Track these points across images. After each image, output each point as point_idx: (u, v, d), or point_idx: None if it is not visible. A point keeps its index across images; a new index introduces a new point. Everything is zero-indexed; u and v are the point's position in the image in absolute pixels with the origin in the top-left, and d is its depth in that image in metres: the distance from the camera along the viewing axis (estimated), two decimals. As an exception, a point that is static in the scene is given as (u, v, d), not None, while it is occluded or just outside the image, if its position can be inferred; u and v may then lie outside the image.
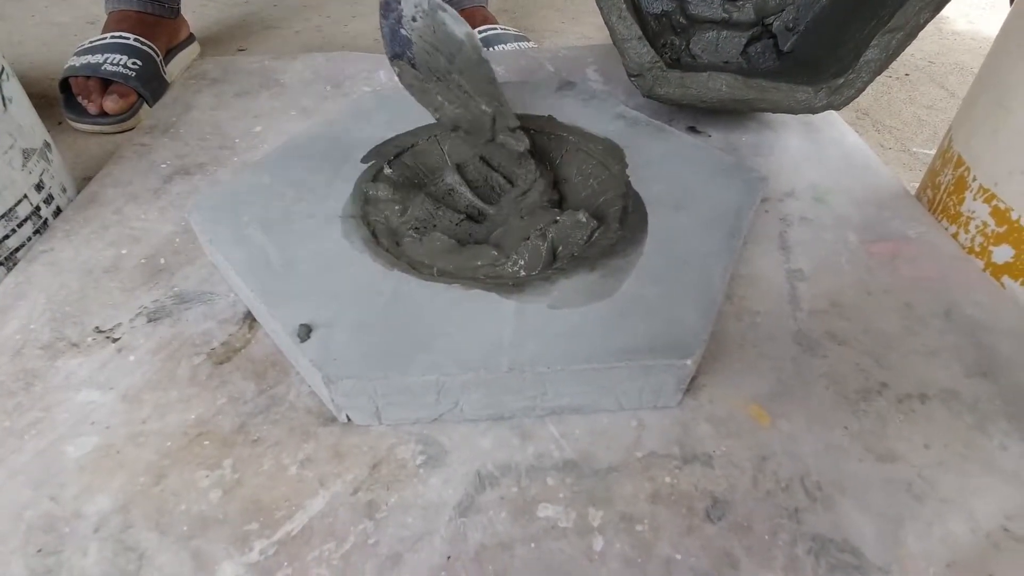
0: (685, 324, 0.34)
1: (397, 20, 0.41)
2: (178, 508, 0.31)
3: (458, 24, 0.41)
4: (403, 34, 0.41)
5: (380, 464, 0.33)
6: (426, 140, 0.48)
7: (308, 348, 0.33)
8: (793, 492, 0.32)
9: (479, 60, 0.41)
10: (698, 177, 0.45)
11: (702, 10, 0.62)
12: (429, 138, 0.48)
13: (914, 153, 0.75)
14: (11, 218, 0.43)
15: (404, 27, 0.40)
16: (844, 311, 0.41)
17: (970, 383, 0.37)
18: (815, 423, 0.35)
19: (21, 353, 0.37)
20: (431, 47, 0.41)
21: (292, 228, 0.40)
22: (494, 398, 0.33)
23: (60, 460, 0.32)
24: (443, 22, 0.40)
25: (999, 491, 0.32)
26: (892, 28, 0.47)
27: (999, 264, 0.43)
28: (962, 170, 0.46)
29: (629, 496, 0.31)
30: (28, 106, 0.46)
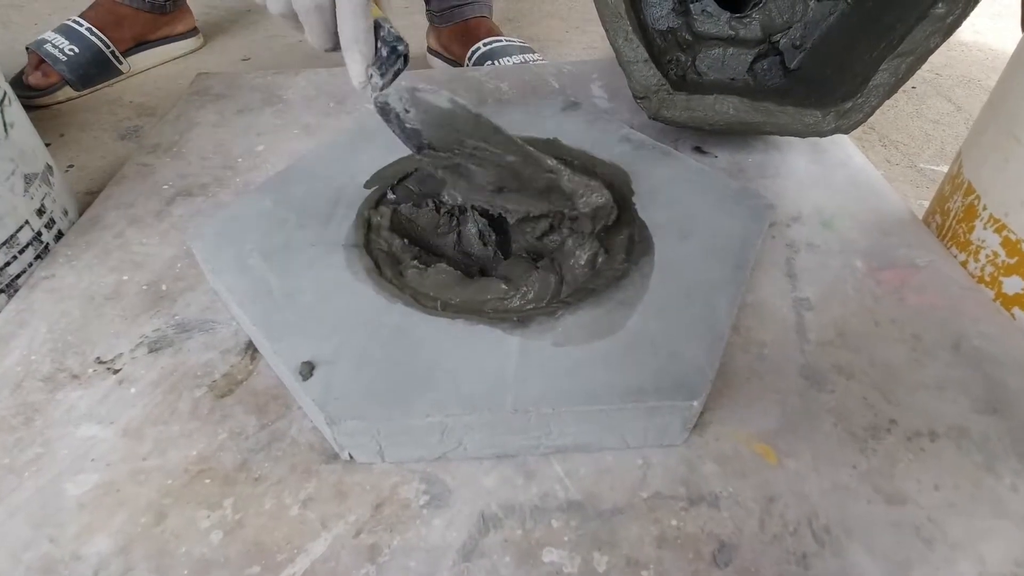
0: (691, 363, 0.34)
1: (398, 119, 0.41)
2: (179, 550, 0.30)
3: (437, 96, 0.41)
4: (409, 128, 0.41)
5: (383, 504, 0.32)
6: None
7: (310, 387, 0.33)
8: (801, 536, 0.31)
9: (474, 117, 0.41)
10: (705, 204, 0.45)
11: (708, 27, 0.62)
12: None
13: (921, 169, 0.75)
14: (12, 245, 0.42)
15: (407, 121, 0.41)
16: (851, 342, 0.41)
17: (979, 420, 0.36)
18: (822, 462, 0.34)
19: (21, 386, 0.37)
20: (434, 127, 0.41)
21: (294, 257, 0.40)
22: (498, 438, 0.33)
23: (60, 498, 0.32)
24: (424, 100, 0.41)
25: (1009, 535, 0.32)
26: (902, 53, 0.47)
27: (1009, 295, 0.43)
28: (972, 198, 0.45)
29: (635, 539, 0.31)
30: (30, 130, 0.46)
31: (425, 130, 0.41)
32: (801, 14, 0.60)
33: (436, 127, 0.41)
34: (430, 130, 0.41)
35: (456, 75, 0.69)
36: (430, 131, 0.41)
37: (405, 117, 0.41)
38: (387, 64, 0.38)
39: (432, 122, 0.41)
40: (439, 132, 0.41)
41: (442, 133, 0.41)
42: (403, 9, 1.08)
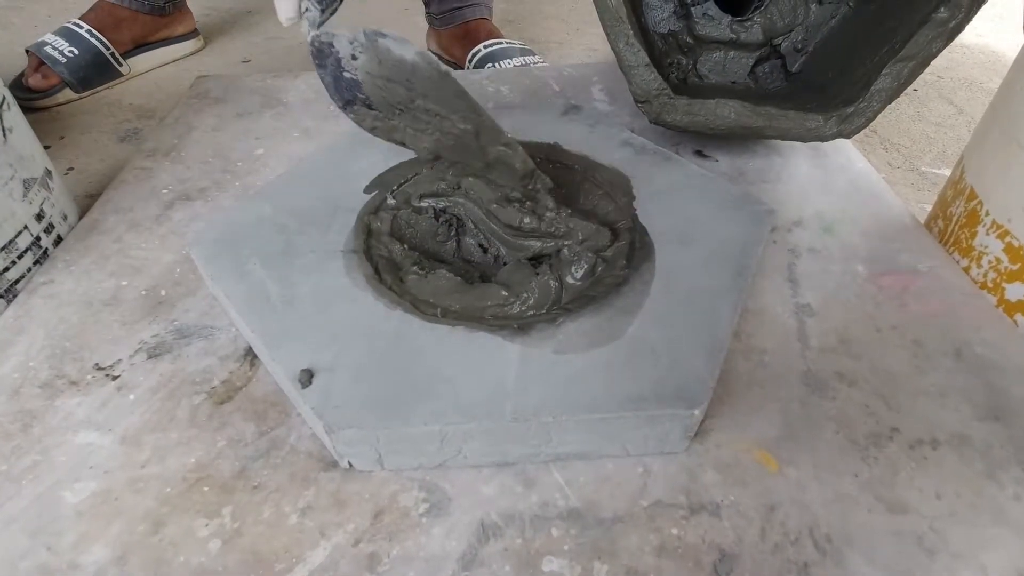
0: (692, 371, 0.34)
1: (336, 64, 0.37)
2: (177, 559, 0.30)
3: (403, 47, 0.36)
4: (347, 77, 0.37)
5: (382, 513, 0.32)
6: (430, 169, 0.48)
7: (309, 395, 0.32)
8: (802, 545, 0.31)
9: (440, 76, 0.37)
10: (705, 210, 0.44)
11: (709, 30, 0.62)
12: (432, 167, 0.48)
13: (923, 173, 0.74)
14: (11, 250, 0.42)
15: (346, 69, 0.37)
16: (852, 348, 0.41)
17: (981, 427, 0.36)
18: (824, 470, 0.34)
19: (20, 392, 0.37)
20: (383, 80, 0.37)
21: (294, 263, 0.40)
22: (498, 446, 0.33)
23: (57, 506, 0.32)
24: (387, 49, 0.36)
25: (1012, 544, 0.31)
26: (904, 57, 0.47)
27: (1012, 302, 0.42)
28: (975, 203, 0.45)
29: (635, 549, 0.31)
30: (30, 135, 0.46)
31: (367, 82, 0.37)
32: (803, 17, 0.60)
33: (384, 82, 0.37)
34: (374, 83, 0.37)
35: (457, 78, 0.68)
36: (374, 84, 0.37)
37: (347, 63, 0.36)
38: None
39: (383, 74, 0.36)
40: (386, 87, 0.37)
41: (390, 89, 0.37)
42: (403, 11, 1.08)
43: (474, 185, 0.41)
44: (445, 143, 0.39)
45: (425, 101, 0.37)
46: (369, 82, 0.37)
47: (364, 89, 0.37)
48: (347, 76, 0.37)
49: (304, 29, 0.34)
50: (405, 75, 0.37)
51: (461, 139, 0.38)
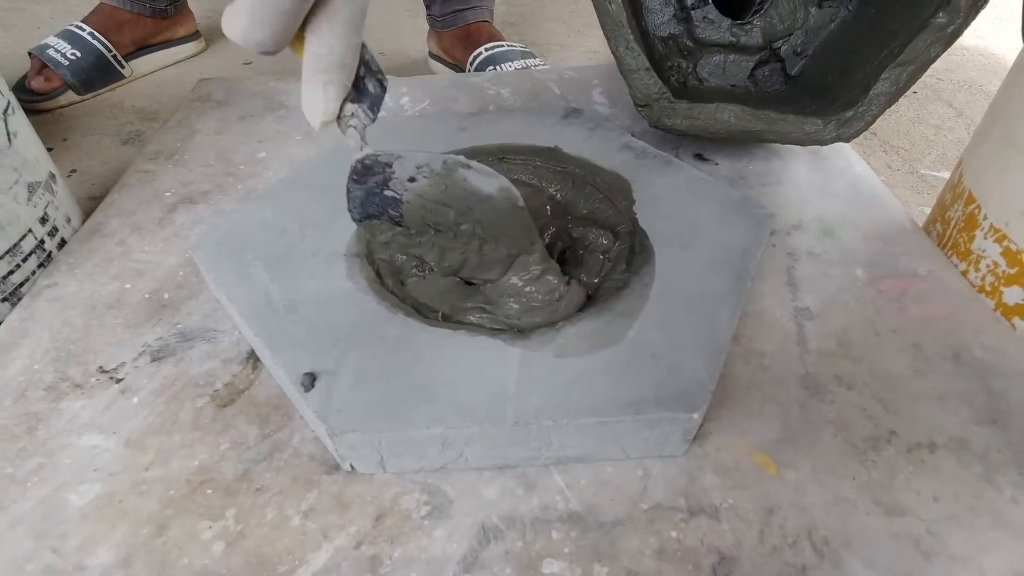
0: (692, 374, 0.34)
1: (381, 183, 0.32)
2: (181, 561, 0.30)
3: (489, 180, 0.33)
4: (387, 195, 0.32)
5: (384, 515, 0.32)
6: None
7: (312, 398, 0.33)
8: (800, 548, 0.31)
9: (514, 209, 0.33)
10: (705, 213, 0.45)
11: (709, 34, 0.62)
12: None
13: (922, 175, 0.75)
14: (16, 253, 0.43)
15: (392, 188, 0.32)
16: (852, 352, 0.41)
17: (980, 431, 0.37)
18: (822, 473, 0.35)
19: (25, 395, 0.37)
20: (436, 204, 0.33)
21: (296, 266, 0.40)
22: (499, 449, 0.33)
23: (63, 509, 0.32)
24: (465, 179, 0.32)
25: (1009, 547, 0.32)
26: (903, 62, 0.47)
27: (1010, 305, 0.43)
28: (973, 207, 0.45)
29: (634, 551, 0.31)
30: (34, 139, 0.46)
31: (414, 203, 0.33)
32: (802, 21, 0.60)
33: (436, 206, 0.33)
34: (423, 205, 0.33)
35: (457, 81, 0.69)
36: (421, 206, 0.33)
37: (397, 184, 0.32)
38: (372, 100, 0.29)
39: (441, 200, 0.33)
40: (435, 209, 0.33)
41: (437, 211, 0.34)
42: (404, 12, 1.08)
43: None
44: (471, 261, 0.36)
45: (475, 226, 0.34)
46: (417, 203, 0.33)
47: (404, 208, 0.33)
48: (387, 195, 0.32)
49: (352, 143, 0.29)
50: (469, 203, 0.33)
51: (493, 258, 0.36)
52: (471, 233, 0.35)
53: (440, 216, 0.34)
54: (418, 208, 0.34)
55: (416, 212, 0.34)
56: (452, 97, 0.65)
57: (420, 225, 0.35)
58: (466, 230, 0.35)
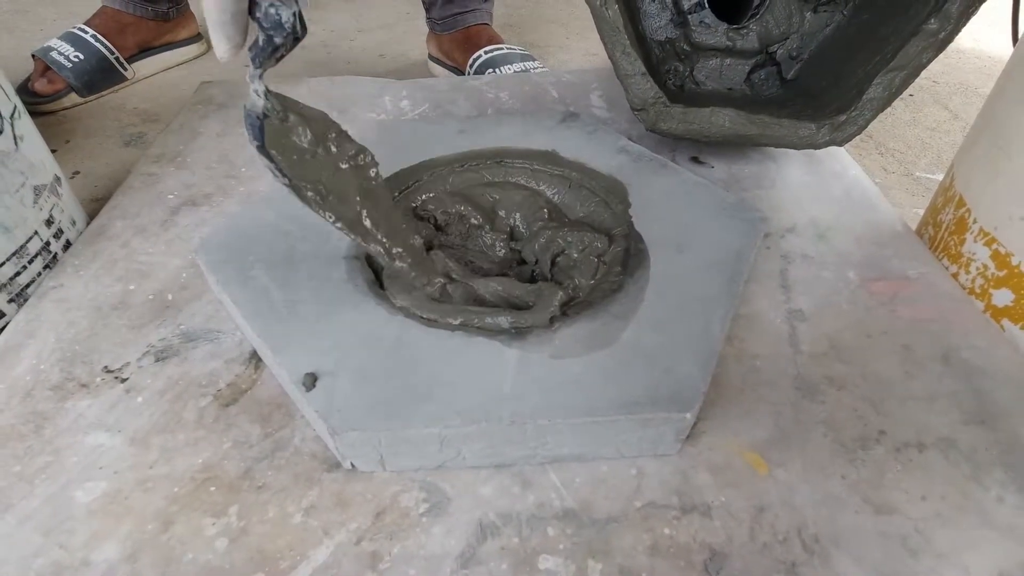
0: (685, 375, 0.35)
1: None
2: (185, 557, 0.31)
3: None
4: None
5: (384, 512, 0.33)
6: (430, 176, 0.49)
7: (313, 398, 0.33)
8: (790, 545, 0.32)
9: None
10: (700, 217, 0.45)
11: (706, 38, 0.63)
12: (432, 174, 0.49)
13: (917, 178, 0.75)
14: (22, 255, 0.43)
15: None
16: (843, 354, 0.42)
17: (967, 431, 0.37)
18: (813, 472, 0.35)
19: (31, 395, 0.38)
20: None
21: (297, 268, 0.41)
22: (496, 448, 0.34)
23: (69, 506, 0.33)
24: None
25: (995, 546, 0.32)
26: (895, 67, 0.48)
27: (999, 307, 0.43)
28: (963, 211, 0.46)
29: (628, 548, 0.32)
30: (40, 142, 0.47)
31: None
32: (798, 25, 0.61)
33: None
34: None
35: (457, 84, 0.69)
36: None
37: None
38: (261, 54, 0.31)
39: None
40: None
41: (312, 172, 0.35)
42: (404, 15, 1.09)
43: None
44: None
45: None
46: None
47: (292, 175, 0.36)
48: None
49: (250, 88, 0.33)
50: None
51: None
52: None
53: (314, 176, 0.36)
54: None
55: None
56: (451, 100, 0.66)
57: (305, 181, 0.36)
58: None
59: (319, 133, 0.35)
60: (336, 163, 0.36)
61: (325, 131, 0.36)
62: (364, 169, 0.37)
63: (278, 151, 0.34)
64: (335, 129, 0.36)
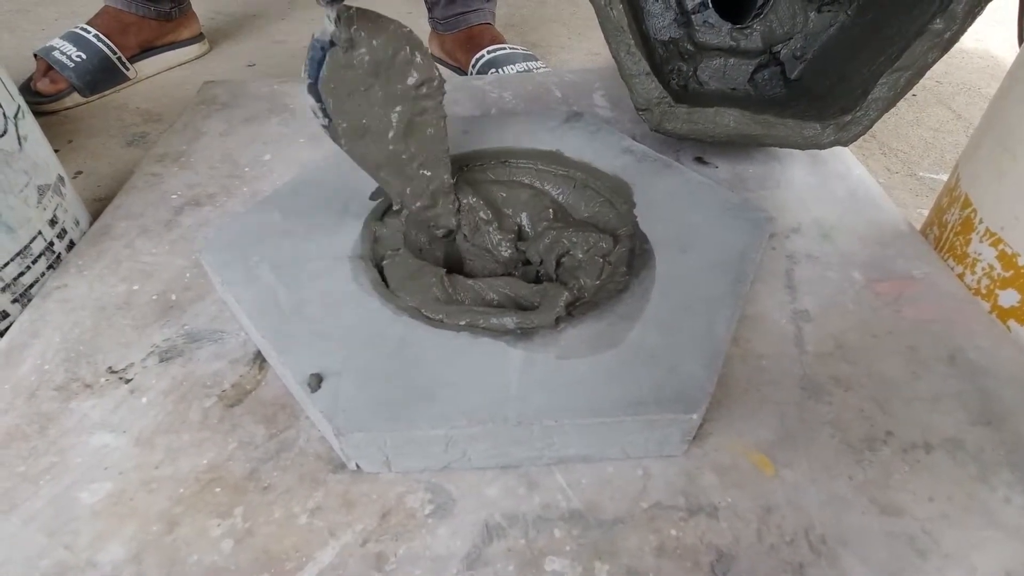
0: (691, 376, 0.35)
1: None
2: (190, 558, 0.31)
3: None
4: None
5: (389, 513, 0.33)
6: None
7: (318, 398, 0.33)
8: (798, 546, 0.32)
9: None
10: (705, 217, 0.45)
11: (710, 38, 0.62)
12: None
13: (921, 178, 0.75)
14: (26, 255, 0.43)
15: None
16: (849, 354, 0.41)
17: (974, 432, 0.37)
18: (819, 473, 0.35)
19: (36, 395, 0.38)
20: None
21: (302, 269, 0.41)
22: (501, 448, 0.34)
23: (74, 507, 0.33)
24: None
25: (1002, 546, 0.32)
26: (900, 67, 0.48)
27: (1005, 308, 0.43)
28: (969, 211, 0.46)
29: (635, 549, 0.32)
30: (43, 142, 0.47)
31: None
32: (802, 25, 0.61)
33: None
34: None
35: (460, 84, 0.69)
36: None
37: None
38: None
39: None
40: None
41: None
42: (406, 15, 1.08)
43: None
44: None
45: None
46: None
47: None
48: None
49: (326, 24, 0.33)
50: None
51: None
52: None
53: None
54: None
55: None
56: (454, 100, 0.66)
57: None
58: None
59: (385, 57, 0.35)
60: (390, 93, 0.36)
61: (396, 52, 0.35)
62: (421, 100, 0.37)
63: (331, 84, 0.34)
64: (412, 48, 0.36)
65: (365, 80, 0.35)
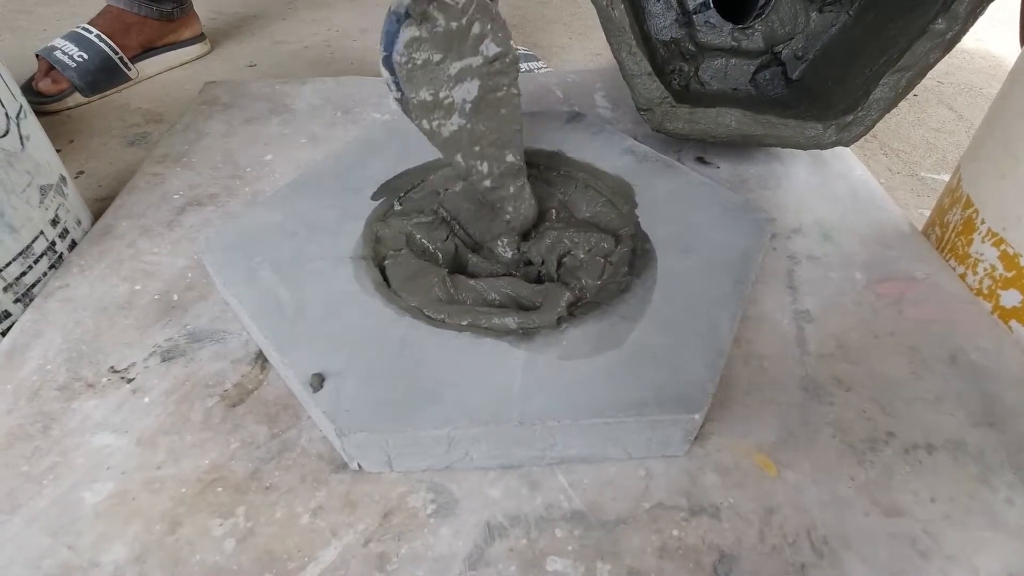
0: (693, 376, 0.35)
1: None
2: (193, 558, 0.31)
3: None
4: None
5: (391, 513, 0.33)
6: (436, 176, 0.49)
7: (320, 399, 0.33)
8: (800, 547, 0.32)
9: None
10: (706, 217, 0.45)
11: (711, 38, 0.62)
12: (438, 174, 0.49)
13: (922, 178, 0.75)
14: (28, 255, 0.43)
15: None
16: (850, 354, 0.41)
17: (976, 433, 0.37)
18: (821, 473, 0.35)
19: (39, 395, 0.38)
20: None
21: (303, 269, 0.41)
22: (503, 449, 0.34)
23: (77, 507, 0.33)
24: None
25: (1004, 547, 0.32)
26: (902, 67, 0.48)
27: (1007, 309, 0.43)
28: (971, 212, 0.46)
29: (637, 549, 0.32)
30: (45, 143, 0.47)
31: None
32: (803, 25, 0.61)
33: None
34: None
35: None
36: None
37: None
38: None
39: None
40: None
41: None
42: (408, 15, 1.08)
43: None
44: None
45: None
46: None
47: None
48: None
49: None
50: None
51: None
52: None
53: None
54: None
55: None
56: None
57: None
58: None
59: (459, 30, 0.34)
60: (463, 68, 0.36)
61: (470, 24, 0.35)
62: (495, 76, 0.36)
63: (404, 57, 0.34)
64: (487, 21, 0.35)
65: (438, 54, 0.35)
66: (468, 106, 0.37)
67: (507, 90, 0.38)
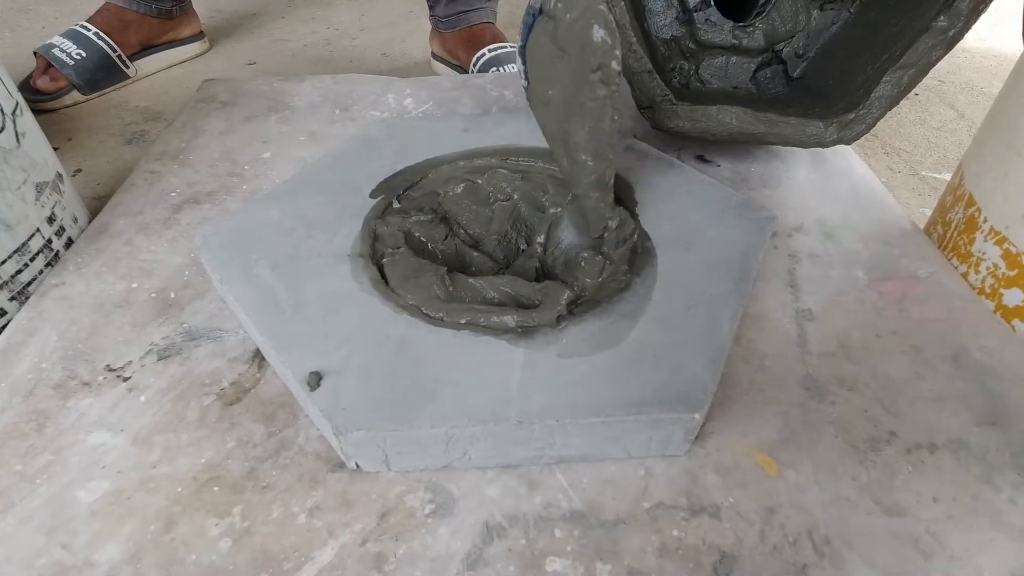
0: (693, 375, 0.34)
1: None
2: (188, 558, 0.31)
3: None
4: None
5: (389, 513, 0.33)
6: (435, 174, 0.48)
7: (318, 397, 0.33)
8: (801, 547, 0.32)
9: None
10: (707, 216, 0.45)
11: (712, 36, 0.62)
12: (437, 172, 0.48)
13: (924, 177, 0.75)
14: (24, 252, 0.43)
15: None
16: (852, 354, 0.41)
17: (979, 432, 0.37)
18: (823, 473, 0.35)
19: (33, 393, 0.37)
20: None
21: (301, 267, 0.41)
22: (502, 448, 0.33)
23: (72, 506, 0.33)
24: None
25: (1007, 548, 0.32)
26: (904, 65, 0.47)
27: (1010, 308, 0.43)
28: (973, 210, 0.46)
29: (637, 550, 0.31)
30: (42, 140, 0.47)
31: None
32: (804, 23, 0.61)
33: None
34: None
35: (461, 82, 0.69)
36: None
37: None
38: None
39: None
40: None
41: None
42: (408, 13, 1.08)
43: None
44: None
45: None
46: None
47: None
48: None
49: None
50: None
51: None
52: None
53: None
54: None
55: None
56: (455, 98, 0.66)
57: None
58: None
59: (573, 33, 0.35)
60: (572, 70, 0.36)
61: (585, 29, 0.35)
62: (595, 85, 0.36)
63: (532, 51, 0.36)
64: (600, 29, 0.35)
65: (556, 52, 0.36)
66: (569, 109, 0.38)
67: (602, 101, 0.37)
